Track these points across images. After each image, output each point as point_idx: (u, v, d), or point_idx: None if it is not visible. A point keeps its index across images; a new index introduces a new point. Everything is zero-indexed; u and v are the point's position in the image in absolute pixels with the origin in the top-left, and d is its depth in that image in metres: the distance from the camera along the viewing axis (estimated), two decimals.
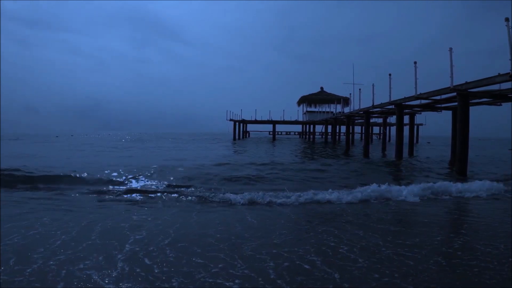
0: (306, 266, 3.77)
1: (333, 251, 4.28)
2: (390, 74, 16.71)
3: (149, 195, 7.91)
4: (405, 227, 5.69)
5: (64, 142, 38.12)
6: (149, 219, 5.79)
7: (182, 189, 8.59)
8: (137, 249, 4.24)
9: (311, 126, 46.72)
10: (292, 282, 3.37)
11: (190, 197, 7.70)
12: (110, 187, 8.76)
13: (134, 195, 7.96)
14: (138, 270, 3.61)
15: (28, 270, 3.55)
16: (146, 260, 3.87)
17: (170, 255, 4.08)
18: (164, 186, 9.09)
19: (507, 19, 9.12)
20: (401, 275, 3.54)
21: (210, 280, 3.39)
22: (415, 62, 13.99)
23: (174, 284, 3.32)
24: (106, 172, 10.62)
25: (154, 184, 9.30)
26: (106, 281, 3.33)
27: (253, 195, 7.50)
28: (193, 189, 8.61)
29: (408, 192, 8.00)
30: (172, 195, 7.92)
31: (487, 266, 3.79)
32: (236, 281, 3.38)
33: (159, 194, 8.00)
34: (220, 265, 3.77)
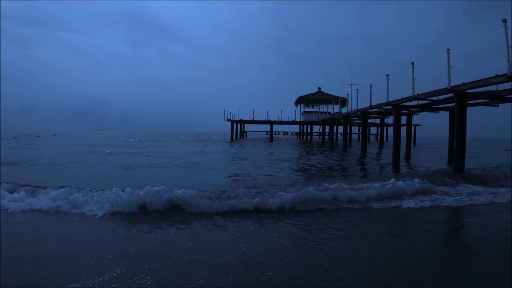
0: None
1: None
2: (387, 75, 16.74)
3: None
4: None
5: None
6: None
7: None
8: None
9: (309, 126, 46.75)
10: None
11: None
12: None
13: None
14: None
15: None
16: None
17: None
18: None
19: (504, 21, 9.13)
20: None
21: None
22: (412, 63, 14.01)
23: None
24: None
25: None
26: None
27: None
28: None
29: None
30: None
31: None
32: None
33: None
34: None
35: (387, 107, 18.29)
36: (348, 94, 28.84)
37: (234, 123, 45.71)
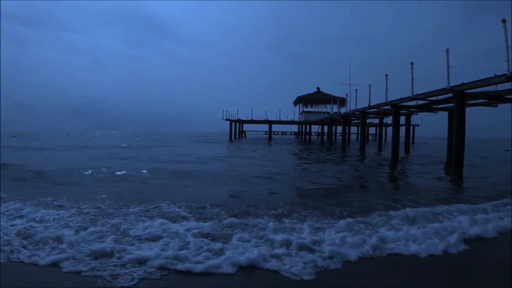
0: None
1: None
2: (386, 75, 16.72)
3: None
4: None
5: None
6: None
7: None
8: None
9: (307, 126, 46.69)
10: None
11: None
12: None
13: None
14: None
15: None
16: None
17: None
18: None
19: (504, 21, 9.09)
20: None
21: None
22: (411, 63, 13.98)
23: None
24: None
25: None
26: None
27: None
28: None
29: None
30: None
31: None
32: None
33: None
34: None
35: (386, 107, 18.26)
36: (347, 94, 28.86)
37: (233, 123, 45.62)
